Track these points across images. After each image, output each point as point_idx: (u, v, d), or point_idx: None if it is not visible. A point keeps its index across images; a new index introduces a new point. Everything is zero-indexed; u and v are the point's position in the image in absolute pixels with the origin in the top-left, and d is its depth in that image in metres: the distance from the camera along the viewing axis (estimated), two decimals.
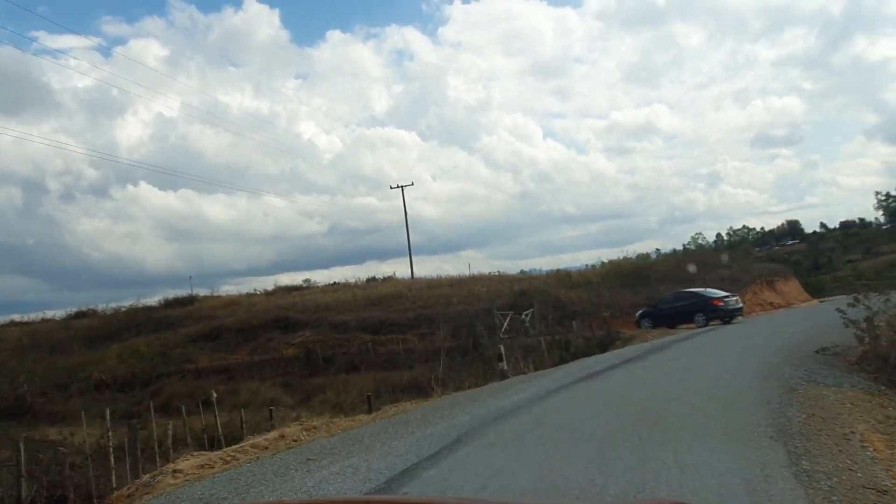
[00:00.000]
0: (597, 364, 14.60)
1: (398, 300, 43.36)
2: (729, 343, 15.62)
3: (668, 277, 34.34)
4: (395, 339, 33.59)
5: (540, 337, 23.13)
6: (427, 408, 11.42)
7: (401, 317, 38.17)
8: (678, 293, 25.26)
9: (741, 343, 15.34)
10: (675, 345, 16.78)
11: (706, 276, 33.11)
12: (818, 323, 18.97)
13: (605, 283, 35.98)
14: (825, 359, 12.50)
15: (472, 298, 38.33)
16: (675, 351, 15.33)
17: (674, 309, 24.01)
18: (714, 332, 19.72)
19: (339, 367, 30.02)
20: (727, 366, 11.97)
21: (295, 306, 47.65)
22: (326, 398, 25.12)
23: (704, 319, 22.97)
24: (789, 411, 8.12)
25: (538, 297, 32.57)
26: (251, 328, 43.63)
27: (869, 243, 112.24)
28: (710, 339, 17.12)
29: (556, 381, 12.44)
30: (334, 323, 41.16)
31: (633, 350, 17.04)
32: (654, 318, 24.62)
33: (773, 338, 15.71)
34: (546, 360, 20.59)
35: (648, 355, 15.03)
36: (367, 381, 25.74)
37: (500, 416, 9.13)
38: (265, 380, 30.14)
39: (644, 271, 35.80)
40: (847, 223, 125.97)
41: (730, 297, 23.66)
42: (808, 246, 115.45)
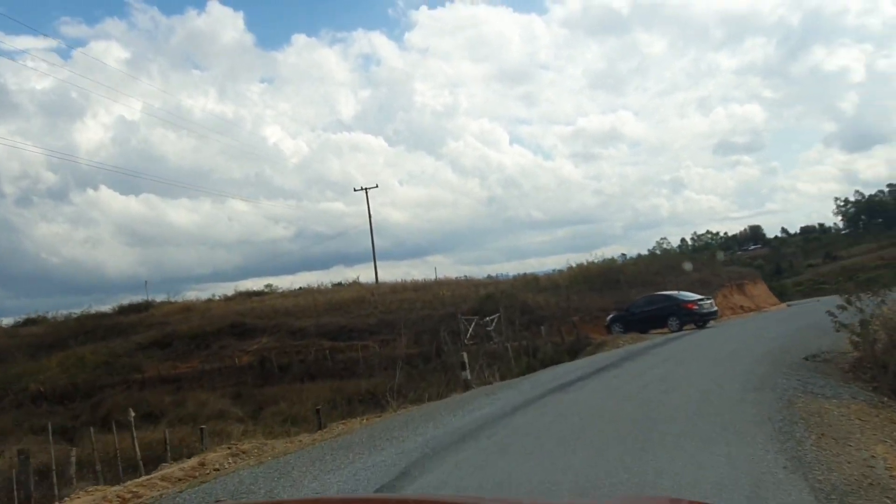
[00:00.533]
0: (567, 373, 13.31)
1: (360, 305, 41.73)
2: (708, 349, 14.49)
3: (638, 281, 33.44)
4: (356, 346, 31.99)
5: (506, 343, 21.84)
6: (378, 426, 9.97)
7: (362, 322, 36.57)
8: (650, 296, 24.25)
9: (721, 349, 14.22)
10: (651, 351, 15.60)
11: (677, 278, 32.30)
12: (796, 327, 18.04)
13: (574, 287, 34.93)
14: (816, 366, 11.41)
15: (436, 303, 36.93)
16: (652, 358, 14.14)
17: (646, 313, 22.97)
18: (689, 337, 18.65)
19: (296, 376, 28.30)
20: (713, 375, 10.78)
21: (253, 312, 45.63)
22: (279, 410, 23.45)
23: (678, 324, 21.96)
24: (796, 431, 6.91)
25: (504, 301, 31.31)
26: (205, 335, 41.51)
27: (829, 248, 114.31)
28: (687, 345, 16.01)
29: (524, 394, 11.10)
30: (293, 329, 39.34)
31: (606, 357, 15.82)
32: (625, 322, 23.54)
33: (755, 343, 14.64)
34: (513, 368, 19.30)
35: (623, 363, 13.81)
36: (324, 391, 24.15)
37: (458, 439, 7.73)
38: (215, 390, 28.26)
39: (613, 274, 34.86)
40: (807, 228, 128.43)
41: (704, 301, 22.75)
42: (770, 250, 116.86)
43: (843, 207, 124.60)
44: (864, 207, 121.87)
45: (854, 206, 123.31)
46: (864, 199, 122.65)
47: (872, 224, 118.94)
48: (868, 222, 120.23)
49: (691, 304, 22.18)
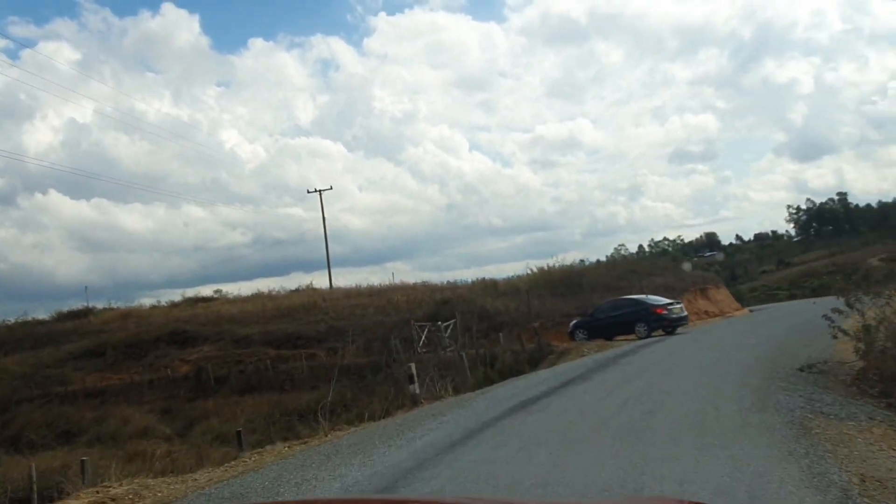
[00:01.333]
0: (529, 387, 11.52)
1: (310, 311, 39.40)
2: (686, 358, 12.89)
3: (601, 285, 32.04)
4: (300, 355, 29.73)
5: (462, 351, 20.01)
6: (295, 459, 7.97)
7: (310, 329, 34.30)
8: (616, 301, 22.77)
9: (701, 358, 12.63)
10: (622, 360, 13.94)
11: (640, 282, 30.99)
12: (773, 332, 16.70)
13: (534, 292, 33.32)
14: (815, 378, 9.87)
15: (390, 309, 34.92)
16: (625, 369, 12.46)
17: (611, 318, 21.44)
18: (660, 344, 17.10)
19: (233, 388, 25.91)
20: (701, 391, 9.11)
21: (196, 318, 42.79)
22: (209, 426, 21.13)
23: (646, 330, 20.48)
24: (830, 472, 5.22)
25: (462, 306, 29.53)
26: (143, 343, 38.58)
27: (782, 254, 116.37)
28: (661, 354, 14.41)
29: (479, 414, 9.25)
30: (237, 337, 36.77)
31: (571, 367, 14.10)
32: (589, 328, 21.98)
33: (736, 351, 13.11)
34: (469, 379, 17.46)
35: (592, 375, 12.09)
36: (262, 405, 21.92)
37: (390, 483, 5.83)
38: (144, 404, 25.67)
39: (575, 278, 33.39)
40: (761, 235, 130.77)
41: (673, 305, 21.35)
42: (725, 257, 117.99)
43: (795, 215, 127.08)
44: (815, 215, 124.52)
45: (805, 214, 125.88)
46: (815, 206, 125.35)
47: (823, 231, 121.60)
48: (819, 229, 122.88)
49: (660, 308, 20.73)
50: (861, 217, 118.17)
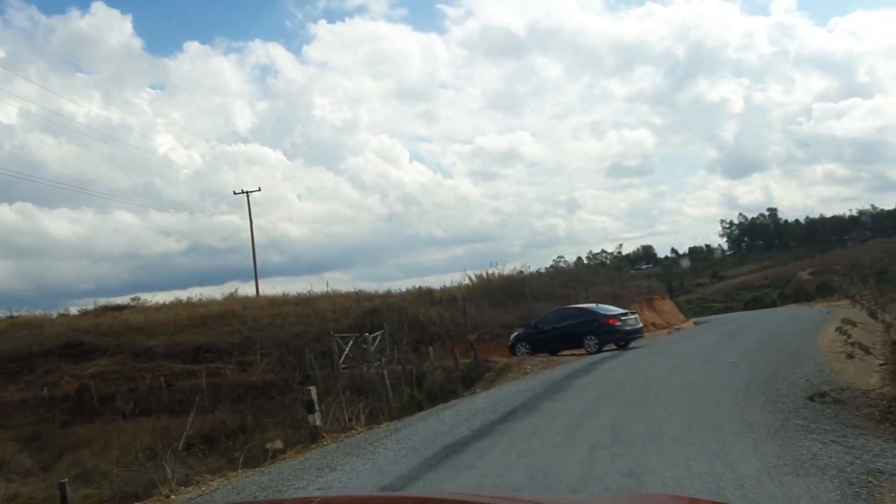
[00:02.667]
0: (459, 421, 8.70)
1: (225, 321, 35.53)
2: (656, 381, 10.32)
3: (544, 294, 29.69)
4: (207, 370, 26.07)
5: (384, 369, 17.04)
6: None
7: (222, 341, 30.56)
8: (562, 310, 20.28)
9: (674, 381, 10.09)
10: (574, 383, 11.29)
11: (586, 292, 28.79)
12: (744, 346, 14.44)
13: (472, 300, 30.67)
14: (835, 413, 7.40)
15: (313, 318, 31.55)
16: (580, 395, 9.79)
17: (558, 330, 18.90)
18: (616, 360, 14.57)
19: (121, 410, 22.05)
20: (694, 433, 6.49)
21: (99, 328, 38.17)
22: (78, 459, 17.43)
23: (597, 343, 18.03)
24: None
25: (392, 316, 26.59)
26: (31, 356, 33.85)
27: (716, 268, 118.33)
28: (622, 374, 11.83)
29: (381, 470, 6.36)
30: (139, 349, 32.64)
31: (513, 391, 11.34)
32: (532, 341, 19.38)
33: (715, 372, 10.65)
34: (391, 403, 14.52)
35: (540, 403, 9.36)
36: (146, 432, 18.33)
37: None
38: (9, 428, 21.54)
39: (516, 287, 30.90)
40: (695, 249, 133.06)
41: (628, 316, 19.01)
42: (661, 269, 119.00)
43: (728, 229, 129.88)
44: (746, 230, 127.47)
45: (738, 229, 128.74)
46: (746, 221, 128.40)
47: (755, 245, 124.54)
48: (750, 244, 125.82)
49: (613, 319, 18.35)
50: (790, 232, 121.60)
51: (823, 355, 11.51)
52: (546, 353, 18.92)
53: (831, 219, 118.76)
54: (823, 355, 11.51)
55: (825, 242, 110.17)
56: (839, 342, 13.66)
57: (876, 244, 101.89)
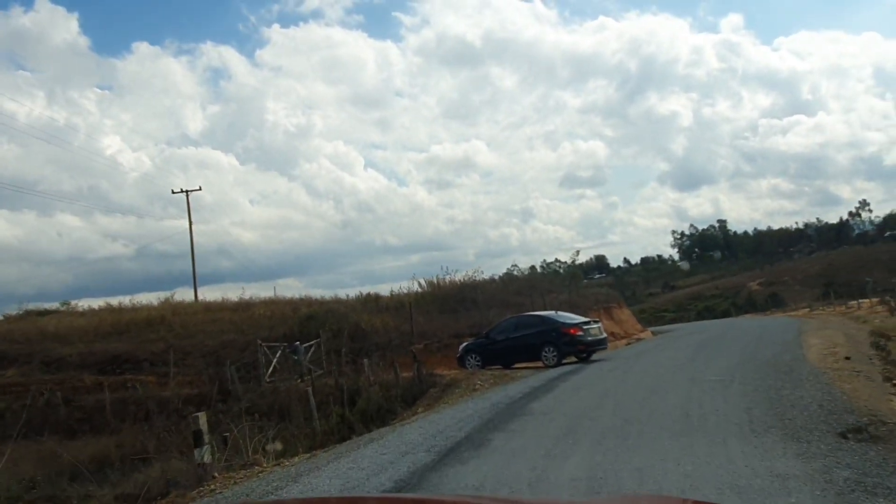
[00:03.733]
0: (384, 464, 6.54)
1: (152, 327, 32.41)
2: (634, 406, 8.34)
3: (497, 300, 27.79)
4: (122, 382, 23.19)
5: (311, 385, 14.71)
6: None
7: (143, 350, 27.58)
8: (518, 318, 18.29)
9: (656, 406, 8.13)
10: (534, 406, 9.23)
11: (543, 299, 27.00)
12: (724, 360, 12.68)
13: (421, 308, 28.53)
14: (883, 456, 5.52)
15: (247, 325, 28.87)
16: (540, 426, 7.73)
17: (512, 341, 16.90)
18: (579, 376, 12.59)
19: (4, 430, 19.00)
20: (705, 494, 4.48)
21: (13, 335, 34.51)
22: None
23: (556, 356, 16.10)
24: None
25: (332, 323, 24.21)
26: None
27: (667, 278, 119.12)
28: (590, 395, 9.82)
29: None
30: (50, 358, 29.31)
31: (459, 417, 9.21)
32: (483, 353, 17.34)
33: (702, 393, 8.76)
34: (315, 427, 12.22)
35: (490, 437, 7.27)
36: (28, 459, 15.50)
37: None
38: None
39: (468, 293, 28.87)
40: (647, 259, 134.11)
41: (590, 325, 16.88)
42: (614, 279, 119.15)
43: (680, 240, 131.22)
44: (697, 240, 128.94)
45: (689, 240, 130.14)
46: (697, 232, 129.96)
47: (705, 256, 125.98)
48: (701, 254, 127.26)
49: (574, 328, 16.47)
50: (739, 244, 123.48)
51: (823, 372, 9.77)
52: (499, 366, 16.91)
53: (778, 231, 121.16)
54: (823, 372, 9.77)
55: (772, 254, 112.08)
56: (830, 355, 12.04)
57: (821, 256, 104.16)
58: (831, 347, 12.96)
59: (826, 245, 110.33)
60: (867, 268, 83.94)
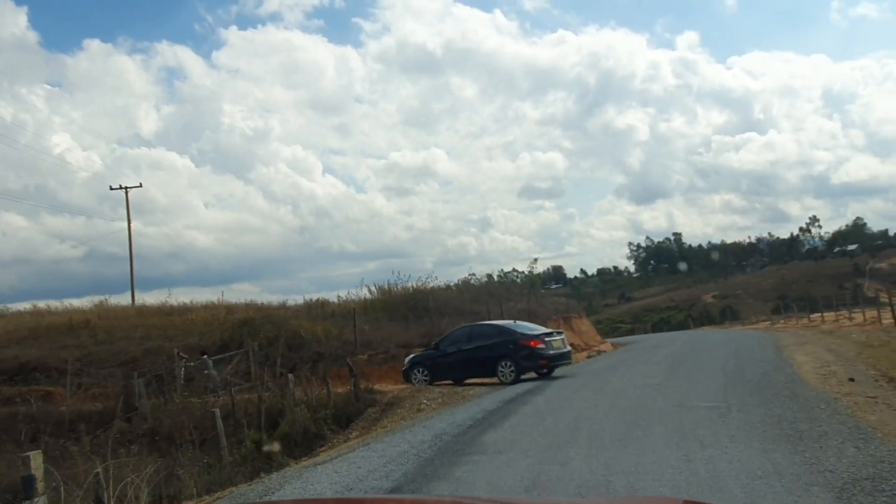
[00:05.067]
0: None
1: (73, 333, 29.42)
2: (614, 446, 6.44)
3: (452, 308, 25.88)
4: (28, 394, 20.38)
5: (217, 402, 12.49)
6: None
7: (56, 357, 24.73)
8: (472, 328, 16.07)
9: (645, 445, 6.27)
10: (484, 439, 7.29)
11: (501, 307, 25.19)
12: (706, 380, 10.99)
13: (371, 314, 26.40)
14: None
15: (176, 332, 26.25)
16: (496, 472, 5.78)
17: (465, 353, 14.94)
18: (542, 398, 10.69)
19: None
20: None
21: None
22: None
23: (514, 371, 14.19)
24: None
25: (268, 330, 21.89)
26: None
27: (623, 289, 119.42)
28: (557, 426, 7.91)
29: None
30: None
31: (389, 457, 7.19)
32: (432, 366, 15.34)
33: (700, 429, 6.97)
34: (223, 458, 10.02)
35: (430, 489, 5.26)
36: None
37: None
38: None
39: (421, 300, 26.85)
40: (603, 270, 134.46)
41: (553, 337, 14.83)
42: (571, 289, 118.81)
43: (636, 252, 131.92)
44: (653, 253, 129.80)
45: (645, 252, 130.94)
46: (653, 245, 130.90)
47: (660, 268, 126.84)
48: (656, 266, 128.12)
49: (535, 340, 14.30)
50: (694, 257, 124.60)
51: (834, 398, 8.11)
52: (449, 381, 14.95)
53: (731, 245, 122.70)
54: (834, 398, 8.11)
55: (726, 267, 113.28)
56: (829, 375, 10.44)
57: (772, 270, 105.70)
58: (824, 366, 11.41)
59: (777, 259, 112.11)
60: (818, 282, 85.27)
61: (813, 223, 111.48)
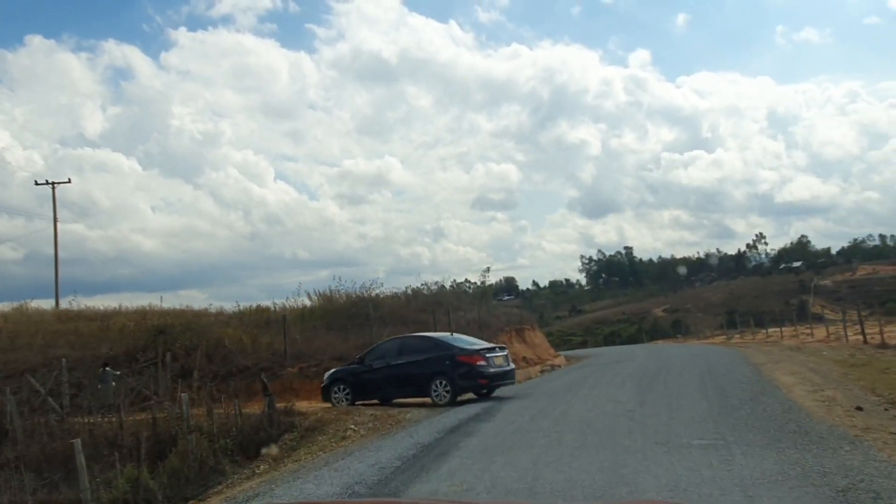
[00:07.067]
0: None
1: None
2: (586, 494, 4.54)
3: (397, 317, 23.83)
4: None
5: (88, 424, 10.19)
6: None
7: None
8: (404, 339, 14.12)
9: None
10: (419, 486, 5.31)
11: (449, 317, 23.27)
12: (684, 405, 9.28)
13: (309, 323, 24.17)
14: None
15: (89, 339, 23.48)
16: None
17: (393, 368, 12.90)
18: (490, 426, 8.77)
19: None
20: None
21: None
22: None
23: (449, 391, 12.18)
24: None
25: (187, 338, 19.45)
26: None
27: (575, 301, 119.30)
28: (513, 474, 5.98)
29: None
30: None
31: None
32: (355, 383, 13.21)
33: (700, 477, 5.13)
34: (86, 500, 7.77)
35: None
36: None
37: None
38: None
39: (363, 308, 24.70)
40: (555, 283, 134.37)
41: (495, 353, 12.85)
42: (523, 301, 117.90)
43: (588, 265, 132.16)
44: (604, 266, 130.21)
45: (596, 265, 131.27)
46: (605, 258, 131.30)
47: (611, 281, 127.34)
48: (608, 280, 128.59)
49: (475, 356, 12.40)
50: (644, 271, 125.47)
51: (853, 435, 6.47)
52: (375, 400, 12.95)
53: (681, 259, 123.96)
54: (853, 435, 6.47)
55: (676, 282, 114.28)
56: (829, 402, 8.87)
57: (721, 285, 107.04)
58: (816, 389, 9.88)
59: (725, 274, 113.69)
60: (764, 297, 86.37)
61: (759, 240, 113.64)
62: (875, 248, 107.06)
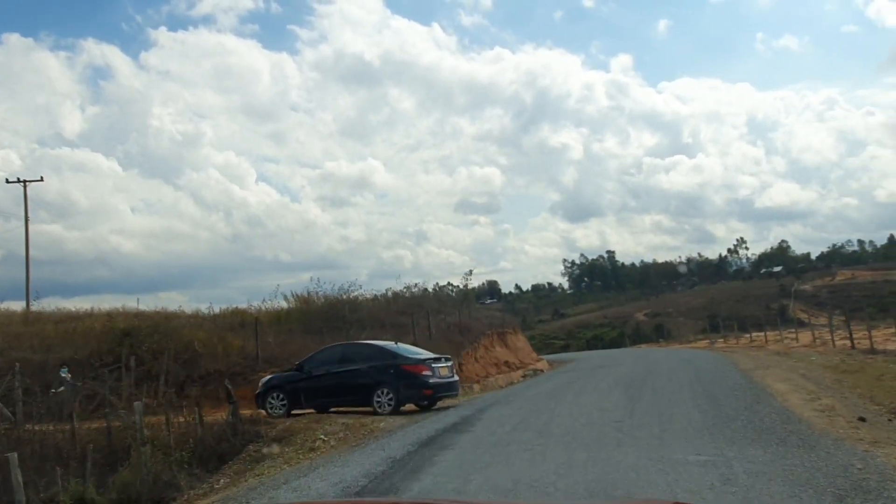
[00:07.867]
0: None
1: None
2: None
3: (375, 320, 23.20)
4: None
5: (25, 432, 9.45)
6: None
7: None
8: (346, 347, 13.69)
9: None
10: None
11: (429, 320, 22.64)
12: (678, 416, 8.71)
13: (283, 326, 23.42)
14: None
15: (53, 342, 22.48)
16: None
17: (334, 376, 12.35)
18: (468, 439, 8.14)
19: None
20: None
21: None
22: None
23: (392, 400, 11.69)
24: None
25: (154, 341, 18.60)
26: None
27: (557, 305, 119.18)
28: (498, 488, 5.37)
29: None
30: None
31: None
32: (293, 391, 12.58)
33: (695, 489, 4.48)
34: None
35: None
36: None
37: None
38: None
39: (340, 310, 24.00)
40: (537, 286, 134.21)
41: (439, 364, 12.45)
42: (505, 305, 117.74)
43: (570, 269, 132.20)
44: (587, 270, 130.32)
45: (579, 269, 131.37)
46: (587, 262, 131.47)
47: (594, 285, 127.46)
48: (590, 283, 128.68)
49: (419, 366, 12.01)
50: (626, 275, 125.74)
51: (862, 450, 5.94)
52: (313, 409, 12.33)
53: (663, 264, 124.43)
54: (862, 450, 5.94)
55: (657, 286, 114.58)
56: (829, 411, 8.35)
57: (701, 290, 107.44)
58: (813, 397, 9.38)
59: (706, 279, 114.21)
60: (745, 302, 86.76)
61: (740, 245, 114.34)
62: (854, 253, 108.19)
